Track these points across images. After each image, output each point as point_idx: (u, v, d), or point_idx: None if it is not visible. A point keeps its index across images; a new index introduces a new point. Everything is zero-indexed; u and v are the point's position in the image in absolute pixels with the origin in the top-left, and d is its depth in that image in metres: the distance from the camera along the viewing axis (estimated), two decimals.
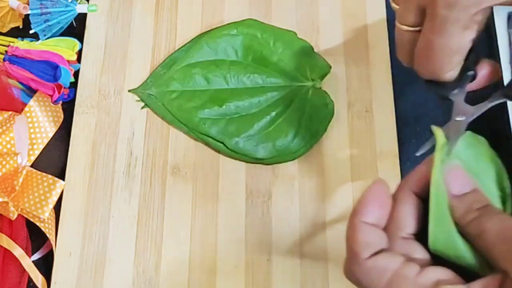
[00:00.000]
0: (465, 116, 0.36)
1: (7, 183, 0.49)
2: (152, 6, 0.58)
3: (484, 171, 0.34)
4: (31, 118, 0.52)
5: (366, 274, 0.30)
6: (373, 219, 0.31)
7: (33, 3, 0.54)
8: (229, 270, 0.48)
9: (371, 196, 0.32)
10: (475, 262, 0.30)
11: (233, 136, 0.52)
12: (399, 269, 0.29)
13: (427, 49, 0.35)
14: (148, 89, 0.54)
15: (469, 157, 0.34)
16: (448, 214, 0.31)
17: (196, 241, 0.49)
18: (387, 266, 0.29)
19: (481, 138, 0.36)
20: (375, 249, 0.30)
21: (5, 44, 0.54)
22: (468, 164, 0.34)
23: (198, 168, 0.52)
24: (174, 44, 0.56)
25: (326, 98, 0.52)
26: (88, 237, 0.50)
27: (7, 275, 0.48)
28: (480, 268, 0.30)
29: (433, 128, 0.34)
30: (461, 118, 0.36)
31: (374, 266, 0.29)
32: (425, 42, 0.35)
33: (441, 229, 0.31)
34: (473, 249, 0.30)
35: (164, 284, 0.48)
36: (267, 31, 0.55)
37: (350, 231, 0.31)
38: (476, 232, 0.29)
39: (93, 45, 0.56)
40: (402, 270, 0.29)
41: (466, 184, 0.32)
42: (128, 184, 0.52)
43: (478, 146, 0.35)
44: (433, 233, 0.31)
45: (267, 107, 0.53)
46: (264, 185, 0.51)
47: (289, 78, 0.53)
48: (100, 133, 0.53)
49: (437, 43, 0.34)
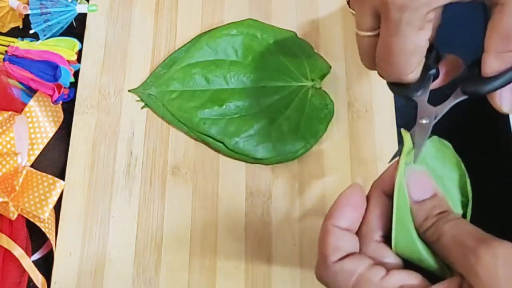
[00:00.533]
0: (429, 118, 0.35)
1: (7, 183, 0.49)
2: (152, 6, 0.58)
3: (448, 176, 0.34)
4: (31, 118, 0.52)
5: (334, 277, 0.31)
6: (346, 223, 0.32)
7: (33, 3, 0.54)
8: (229, 270, 0.48)
9: (344, 201, 0.33)
10: (436, 266, 0.31)
11: (233, 136, 0.52)
12: (364, 273, 0.30)
13: (385, 53, 0.35)
14: (148, 89, 0.54)
15: (434, 161, 0.35)
16: (409, 219, 0.31)
17: (196, 241, 0.50)
18: (353, 269, 0.30)
19: (447, 143, 0.36)
20: (344, 253, 0.31)
21: (5, 44, 0.54)
22: (433, 168, 0.34)
23: (198, 168, 0.52)
24: (174, 44, 0.56)
25: (326, 98, 0.52)
26: (88, 237, 0.50)
27: (7, 275, 0.48)
28: (441, 271, 0.31)
29: (402, 132, 0.35)
30: (426, 121, 0.36)
31: (341, 269, 0.31)
32: (383, 46, 0.35)
33: (403, 233, 0.31)
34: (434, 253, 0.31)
35: (164, 284, 0.48)
36: (267, 31, 0.55)
37: (322, 234, 0.32)
38: (434, 237, 0.30)
39: (93, 45, 0.56)
40: (367, 273, 0.30)
41: (427, 189, 0.33)
42: (128, 184, 0.52)
43: (444, 151, 0.35)
44: (395, 236, 0.32)
45: (267, 107, 0.53)
46: (264, 185, 0.51)
47: (289, 78, 0.53)
48: (100, 133, 0.53)
49: (394, 46, 0.34)
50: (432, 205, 0.32)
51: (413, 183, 0.33)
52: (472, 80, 0.34)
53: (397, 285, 0.30)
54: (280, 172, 0.52)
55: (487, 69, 0.33)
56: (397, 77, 0.36)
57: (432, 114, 0.36)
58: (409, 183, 0.32)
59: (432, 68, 0.36)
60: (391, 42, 0.34)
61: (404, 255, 0.32)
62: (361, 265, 0.30)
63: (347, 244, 0.32)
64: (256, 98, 0.53)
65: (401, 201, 0.32)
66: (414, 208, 0.32)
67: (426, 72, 0.36)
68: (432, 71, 0.36)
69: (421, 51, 0.34)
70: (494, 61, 0.32)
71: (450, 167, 0.35)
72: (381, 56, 0.36)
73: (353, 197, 0.33)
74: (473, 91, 0.34)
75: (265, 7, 0.57)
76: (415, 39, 0.33)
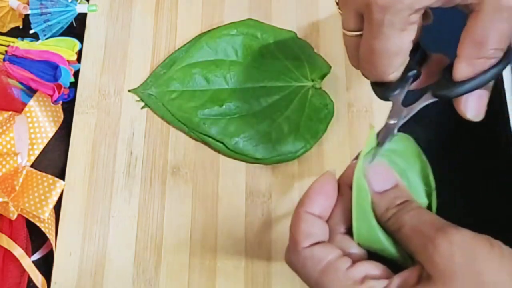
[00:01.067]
0: (398, 118, 0.36)
1: (7, 183, 0.49)
2: (152, 6, 0.58)
3: (411, 167, 0.35)
4: (31, 118, 0.52)
5: (303, 262, 0.32)
6: (318, 210, 0.33)
7: (33, 3, 0.54)
8: (229, 270, 0.48)
9: (317, 188, 0.34)
10: (398, 255, 0.32)
11: (233, 136, 0.52)
12: (332, 261, 0.31)
13: (368, 53, 0.35)
14: (148, 89, 0.54)
15: (396, 155, 0.35)
16: (369, 210, 0.32)
17: (196, 241, 0.50)
18: (322, 257, 0.31)
19: (408, 137, 0.36)
20: (315, 240, 0.32)
21: (5, 44, 0.54)
22: (396, 161, 0.35)
23: (198, 168, 0.52)
24: (174, 44, 0.56)
25: (326, 98, 0.52)
26: (88, 237, 0.50)
27: (7, 275, 0.48)
28: (403, 261, 0.31)
29: (369, 127, 0.36)
30: (394, 121, 0.36)
31: (311, 255, 0.31)
32: (366, 47, 0.35)
33: (364, 224, 0.32)
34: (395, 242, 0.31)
35: (164, 284, 0.48)
36: (267, 31, 0.55)
37: (294, 220, 0.33)
38: (395, 227, 0.31)
39: (93, 45, 0.56)
40: (336, 262, 0.31)
41: (388, 180, 0.33)
42: (128, 184, 0.52)
43: (405, 144, 0.36)
44: (356, 228, 0.32)
45: (267, 107, 0.53)
46: (264, 185, 0.51)
47: (289, 78, 0.53)
48: (100, 133, 0.53)
49: (377, 47, 0.34)
50: (393, 195, 0.32)
51: (374, 175, 0.33)
52: (443, 84, 0.34)
53: (362, 275, 0.30)
54: (280, 172, 0.52)
55: (457, 74, 0.33)
56: (379, 77, 0.36)
57: (402, 115, 0.36)
58: (369, 175, 0.33)
59: (413, 69, 0.36)
60: (373, 43, 0.34)
61: (366, 245, 0.33)
62: (331, 254, 0.31)
63: (318, 230, 0.32)
64: (256, 98, 0.53)
65: (361, 193, 0.32)
66: (375, 199, 0.32)
67: (406, 73, 0.36)
68: (412, 72, 0.36)
69: (404, 52, 0.34)
70: (465, 66, 0.33)
71: (412, 159, 0.36)
72: (364, 56, 0.36)
73: (325, 185, 0.34)
74: (442, 94, 0.34)
75: (265, 7, 0.57)
76: (397, 40, 0.33)
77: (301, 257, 0.32)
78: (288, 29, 0.55)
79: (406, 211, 0.31)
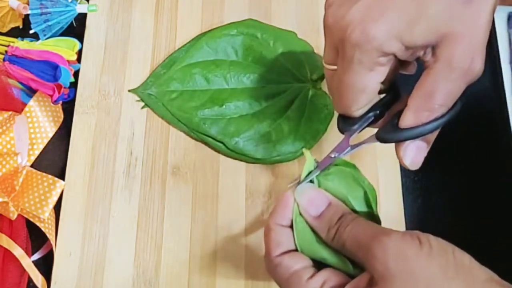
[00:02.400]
0: (339, 153, 0.39)
1: (7, 183, 0.49)
2: (152, 6, 0.58)
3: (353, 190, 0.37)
4: (31, 118, 0.52)
5: (274, 269, 0.35)
6: (286, 222, 0.36)
7: (33, 3, 0.54)
8: (229, 270, 0.48)
9: (282, 202, 0.37)
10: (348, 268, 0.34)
11: (233, 136, 0.52)
12: (298, 271, 0.34)
13: (337, 86, 0.37)
14: (148, 89, 0.54)
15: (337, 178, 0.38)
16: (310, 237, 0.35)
17: (196, 241, 0.50)
18: (289, 266, 0.34)
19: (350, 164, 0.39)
20: (285, 248, 0.35)
21: (5, 44, 0.54)
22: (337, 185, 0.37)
23: (198, 168, 0.52)
24: (174, 44, 0.56)
25: (326, 99, 0.52)
26: (88, 237, 0.50)
27: (7, 275, 0.48)
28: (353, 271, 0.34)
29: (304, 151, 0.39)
30: (335, 155, 0.39)
31: (280, 263, 0.35)
32: (337, 80, 0.37)
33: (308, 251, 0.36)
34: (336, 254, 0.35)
35: (164, 284, 0.48)
36: (267, 31, 0.55)
37: (265, 231, 0.36)
38: (339, 245, 0.34)
39: (93, 45, 0.56)
40: (299, 272, 0.34)
41: (321, 203, 0.36)
42: (128, 184, 0.52)
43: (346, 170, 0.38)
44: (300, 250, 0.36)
45: (267, 108, 0.53)
46: (264, 185, 0.51)
47: (289, 78, 0.53)
48: (100, 133, 0.53)
49: (345, 81, 0.36)
50: (330, 215, 0.35)
51: (306, 202, 0.36)
52: (388, 129, 0.37)
53: (321, 282, 0.33)
54: (280, 172, 0.52)
55: (402, 121, 0.35)
56: (345, 111, 0.38)
57: (344, 152, 0.39)
58: (302, 203, 0.36)
59: (376, 109, 0.38)
60: (343, 77, 0.36)
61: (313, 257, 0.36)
62: (297, 264, 0.34)
63: (287, 239, 0.36)
64: (256, 99, 0.53)
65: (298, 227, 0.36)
66: (315, 223, 0.35)
67: (368, 112, 0.38)
68: (373, 113, 0.38)
69: (369, 91, 0.36)
70: (411, 116, 0.35)
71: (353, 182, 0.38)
72: (334, 89, 0.38)
73: (290, 200, 0.37)
74: (385, 138, 0.37)
75: (265, 7, 0.57)
76: (365, 79, 0.35)
77: (272, 265, 0.35)
78: (288, 29, 0.55)
79: (343, 227, 0.34)
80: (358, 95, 0.36)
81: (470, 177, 0.53)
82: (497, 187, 0.52)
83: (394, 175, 0.51)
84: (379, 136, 0.37)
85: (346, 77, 0.35)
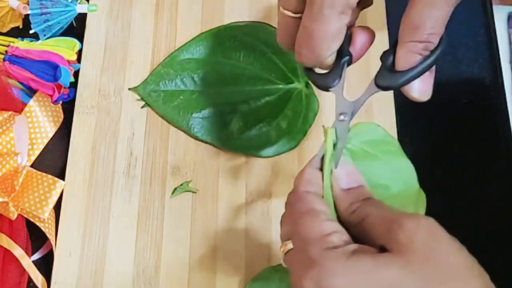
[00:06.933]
0: (347, 114, 0.36)
1: (7, 183, 0.49)
2: (152, 6, 0.58)
3: None
4: (31, 118, 0.52)
5: (295, 203, 0.34)
6: None
7: (33, 3, 0.54)
8: (229, 270, 0.48)
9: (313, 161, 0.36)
10: None
11: (232, 136, 0.52)
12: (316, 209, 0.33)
13: (306, 36, 0.36)
14: (149, 87, 0.54)
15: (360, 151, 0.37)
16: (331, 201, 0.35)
17: (196, 241, 0.50)
18: (312, 202, 0.34)
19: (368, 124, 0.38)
20: (313, 189, 0.35)
21: (5, 44, 0.54)
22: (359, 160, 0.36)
23: (198, 168, 0.52)
24: (174, 44, 0.56)
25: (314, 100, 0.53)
26: (88, 237, 0.50)
27: (7, 275, 0.48)
28: None
29: (324, 128, 0.36)
30: (344, 117, 0.37)
31: (304, 198, 0.34)
32: (304, 30, 0.36)
33: None
34: None
35: (164, 284, 0.48)
36: (267, 32, 0.55)
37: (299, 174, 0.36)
38: (359, 218, 0.33)
39: (93, 45, 0.56)
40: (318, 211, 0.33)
41: (354, 180, 0.36)
42: (128, 184, 0.52)
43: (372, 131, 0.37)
44: None
45: (264, 108, 0.53)
46: (264, 185, 0.51)
47: (287, 79, 0.53)
48: (100, 133, 0.53)
49: (316, 29, 0.35)
50: (359, 192, 0.35)
51: (341, 173, 0.35)
52: (385, 74, 0.35)
53: (333, 229, 0.32)
54: (280, 172, 0.52)
55: (399, 63, 0.34)
56: (316, 61, 0.37)
57: (350, 110, 0.37)
58: (337, 174, 0.35)
59: (345, 55, 0.37)
60: (313, 25, 0.35)
61: None
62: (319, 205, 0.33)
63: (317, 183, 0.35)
64: (253, 99, 0.53)
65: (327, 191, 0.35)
66: (341, 194, 0.35)
67: (339, 60, 0.36)
68: (345, 58, 0.37)
69: (342, 35, 0.35)
70: (405, 54, 0.34)
71: None
72: (301, 40, 0.36)
73: None
74: (386, 85, 0.35)
75: (265, 7, 0.57)
76: (337, 23, 0.34)
77: (295, 198, 0.34)
78: None
79: (369, 204, 0.33)
80: (330, 41, 0.35)
81: (470, 177, 0.53)
82: (497, 187, 0.52)
83: None
84: (379, 84, 0.35)
85: (316, 24, 0.35)
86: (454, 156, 0.53)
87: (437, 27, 0.33)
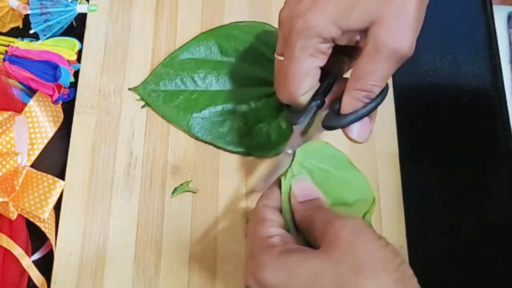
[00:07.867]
0: (293, 148, 0.41)
1: (7, 183, 0.49)
2: (152, 6, 0.58)
3: None
4: (31, 118, 0.52)
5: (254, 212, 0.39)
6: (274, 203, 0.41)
7: (33, 3, 0.54)
8: (229, 270, 0.48)
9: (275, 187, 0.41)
10: None
11: (228, 136, 0.52)
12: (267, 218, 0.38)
13: (283, 75, 0.40)
14: (149, 87, 0.54)
15: None
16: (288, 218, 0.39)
17: (196, 241, 0.50)
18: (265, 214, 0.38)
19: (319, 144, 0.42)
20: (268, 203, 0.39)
21: (5, 44, 0.54)
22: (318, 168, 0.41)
23: (198, 168, 0.52)
24: (174, 44, 0.56)
25: None
26: (88, 237, 0.50)
27: (7, 275, 0.48)
28: None
29: None
30: (290, 151, 0.41)
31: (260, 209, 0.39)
32: (282, 69, 0.40)
33: None
34: None
35: (164, 284, 0.48)
36: (267, 32, 0.55)
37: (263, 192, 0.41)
38: (309, 224, 0.37)
39: (93, 45, 0.56)
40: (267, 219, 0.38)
41: (309, 194, 0.39)
42: (128, 184, 0.52)
43: None
44: None
45: (264, 108, 0.53)
46: None
47: None
48: (100, 133, 0.53)
49: (290, 68, 0.39)
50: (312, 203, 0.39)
51: (298, 189, 0.39)
52: (330, 116, 0.40)
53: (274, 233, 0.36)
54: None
55: (343, 108, 0.39)
56: (290, 98, 0.41)
57: (298, 145, 0.41)
58: (295, 189, 0.40)
59: (317, 99, 0.41)
60: (288, 64, 0.39)
61: None
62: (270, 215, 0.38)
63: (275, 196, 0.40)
64: (253, 100, 0.53)
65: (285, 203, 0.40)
66: (297, 206, 0.39)
67: (311, 102, 0.41)
68: (315, 102, 0.41)
69: (312, 76, 0.40)
70: (349, 100, 0.39)
71: None
72: (278, 78, 0.42)
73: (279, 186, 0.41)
74: (330, 125, 0.40)
75: (265, 7, 0.57)
76: (307, 64, 0.39)
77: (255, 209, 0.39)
78: None
79: (318, 211, 0.37)
80: (302, 80, 0.39)
81: (470, 177, 0.53)
82: (497, 187, 0.52)
83: (394, 175, 0.51)
84: (324, 124, 0.40)
85: (291, 64, 0.39)
86: (454, 156, 0.53)
87: (379, 80, 0.37)
